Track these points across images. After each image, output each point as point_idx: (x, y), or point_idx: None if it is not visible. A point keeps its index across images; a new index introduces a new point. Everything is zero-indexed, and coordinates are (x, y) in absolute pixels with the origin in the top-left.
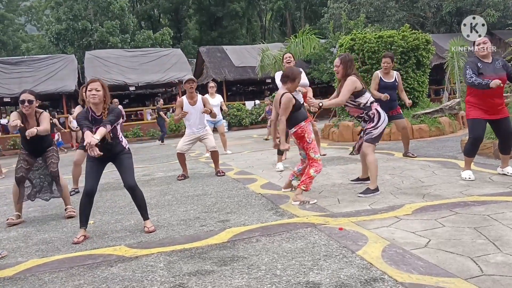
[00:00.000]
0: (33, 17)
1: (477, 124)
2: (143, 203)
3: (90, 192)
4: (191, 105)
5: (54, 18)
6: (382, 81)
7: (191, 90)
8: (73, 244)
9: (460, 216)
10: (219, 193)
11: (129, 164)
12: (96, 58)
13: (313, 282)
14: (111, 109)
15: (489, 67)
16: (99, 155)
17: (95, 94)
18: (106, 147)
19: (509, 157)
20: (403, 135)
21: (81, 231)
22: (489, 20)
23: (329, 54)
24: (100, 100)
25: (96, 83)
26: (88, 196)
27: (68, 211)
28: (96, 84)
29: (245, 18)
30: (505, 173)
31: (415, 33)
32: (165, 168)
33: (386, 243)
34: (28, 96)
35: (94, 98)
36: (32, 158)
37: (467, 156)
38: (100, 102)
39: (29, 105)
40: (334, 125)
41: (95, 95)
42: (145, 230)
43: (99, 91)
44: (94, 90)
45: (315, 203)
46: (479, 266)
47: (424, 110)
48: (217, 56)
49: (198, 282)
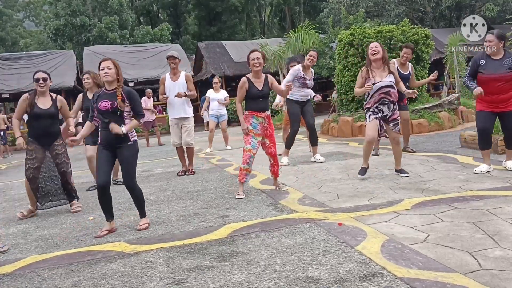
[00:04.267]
0: (31, 12)
1: (482, 116)
2: (142, 202)
3: (103, 186)
4: (173, 81)
5: (52, 14)
6: (398, 71)
7: (174, 66)
8: (95, 237)
9: (459, 211)
10: (218, 188)
11: (128, 159)
12: (95, 53)
13: (312, 277)
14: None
15: (492, 65)
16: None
17: (107, 72)
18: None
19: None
20: (404, 127)
21: (106, 224)
22: (488, 15)
23: (328, 49)
24: (113, 77)
25: (107, 61)
26: (102, 190)
27: (74, 206)
28: (107, 63)
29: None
30: (505, 166)
31: (415, 28)
32: (164, 164)
33: (385, 238)
34: (42, 75)
35: (106, 76)
36: (40, 153)
37: (480, 148)
38: (114, 80)
39: (44, 82)
40: (334, 120)
41: (107, 73)
42: (137, 227)
43: (111, 69)
44: (106, 69)
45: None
46: (478, 260)
47: (423, 105)
48: (216, 51)
49: (198, 278)
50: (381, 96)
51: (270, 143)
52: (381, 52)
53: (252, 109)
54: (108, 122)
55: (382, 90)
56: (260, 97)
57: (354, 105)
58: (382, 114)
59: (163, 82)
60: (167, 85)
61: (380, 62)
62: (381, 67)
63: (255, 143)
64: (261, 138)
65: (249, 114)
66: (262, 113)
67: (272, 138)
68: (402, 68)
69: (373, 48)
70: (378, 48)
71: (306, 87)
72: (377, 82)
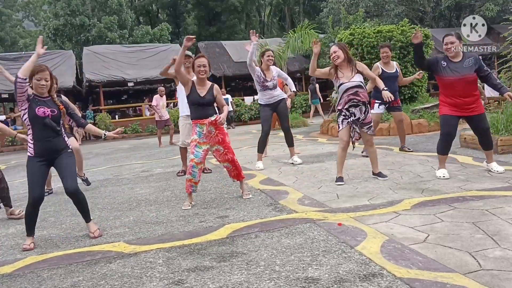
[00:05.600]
0: (31, 12)
1: (447, 120)
2: (87, 206)
3: (40, 198)
4: None
5: (51, 14)
6: (384, 72)
7: (188, 65)
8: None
9: (459, 211)
10: (218, 189)
11: (70, 163)
12: (94, 53)
13: (312, 278)
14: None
15: (454, 67)
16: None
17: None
18: (49, 143)
19: (492, 152)
20: (399, 128)
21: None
22: (488, 15)
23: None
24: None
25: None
26: (37, 203)
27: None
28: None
29: (244, 13)
30: (489, 169)
31: (414, 28)
32: (164, 164)
33: (384, 238)
34: None
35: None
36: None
37: (440, 153)
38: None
39: None
40: (333, 120)
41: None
42: (90, 236)
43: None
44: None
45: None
46: (478, 261)
47: (423, 105)
48: (216, 51)
49: (197, 278)
50: (350, 97)
51: (224, 149)
52: (342, 56)
53: (194, 117)
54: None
55: (349, 91)
56: (201, 104)
57: None
58: (354, 118)
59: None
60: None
61: (344, 64)
62: (347, 68)
63: (199, 152)
64: (208, 146)
65: (193, 123)
66: (204, 120)
67: (225, 143)
68: (387, 68)
69: (332, 54)
70: (337, 52)
71: (267, 89)
72: (345, 83)
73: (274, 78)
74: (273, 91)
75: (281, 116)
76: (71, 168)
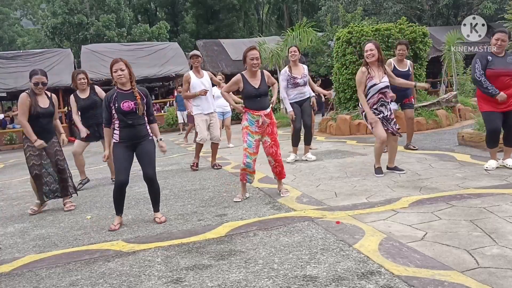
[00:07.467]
0: (29, 11)
1: (491, 116)
2: (159, 196)
3: (125, 183)
4: (198, 78)
5: (49, 12)
6: (396, 69)
7: (197, 65)
8: (109, 231)
9: (457, 209)
10: (217, 187)
11: (151, 151)
12: (93, 52)
13: (310, 276)
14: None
15: (500, 61)
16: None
17: (121, 74)
18: (132, 130)
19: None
20: (408, 125)
21: (116, 218)
22: (486, 13)
23: (326, 47)
24: (127, 78)
25: (119, 63)
26: (122, 187)
27: (67, 205)
28: (120, 64)
29: (242, 11)
30: (504, 164)
31: (412, 26)
32: (162, 163)
33: (382, 236)
34: (42, 79)
35: (121, 78)
36: (41, 149)
37: (488, 147)
38: (127, 81)
39: (43, 87)
40: (332, 118)
41: (121, 75)
42: (156, 221)
43: (124, 70)
44: (119, 70)
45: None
46: (475, 258)
47: (421, 103)
48: (214, 49)
49: (196, 277)
50: (379, 97)
51: (271, 141)
52: (376, 55)
53: (249, 107)
54: (132, 122)
55: (380, 91)
56: (257, 96)
57: (352, 103)
58: (383, 115)
59: (188, 80)
60: (194, 82)
61: (375, 63)
62: (378, 67)
63: (251, 141)
64: (259, 136)
65: (245, 110)
66: (260, 111)
67: (273, 135)
68: (400, 66)
69: (368, 51)
70: (373, 51)
71: (298, 86)
72: (377, 84)
73: (304, 75)
74: (302, 87)
75: (304, 113)
76: (151, 156)
